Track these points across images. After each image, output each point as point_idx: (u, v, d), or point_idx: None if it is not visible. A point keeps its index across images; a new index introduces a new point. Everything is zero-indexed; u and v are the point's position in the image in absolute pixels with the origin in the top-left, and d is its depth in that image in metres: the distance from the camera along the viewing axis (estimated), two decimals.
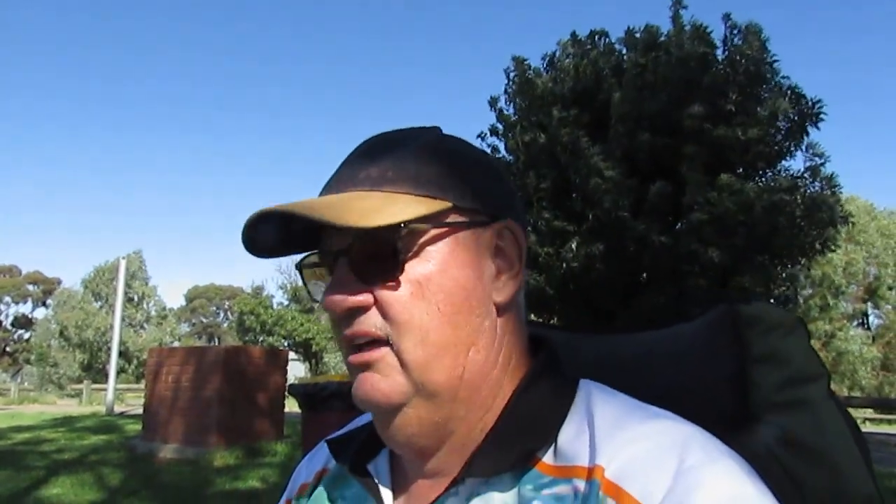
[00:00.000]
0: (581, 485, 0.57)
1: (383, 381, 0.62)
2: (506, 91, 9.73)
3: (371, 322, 0.62)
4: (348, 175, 0.66)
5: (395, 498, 0.69)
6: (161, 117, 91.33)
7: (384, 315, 0.61)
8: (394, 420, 0.63)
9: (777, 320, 0.72)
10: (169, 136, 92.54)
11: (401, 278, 0.62)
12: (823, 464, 0.67)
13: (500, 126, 9.79)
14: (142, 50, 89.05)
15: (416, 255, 0.62)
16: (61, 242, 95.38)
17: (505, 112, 9.74)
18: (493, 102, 9.84)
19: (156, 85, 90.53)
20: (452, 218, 0.64)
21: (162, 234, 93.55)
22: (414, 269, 0.62)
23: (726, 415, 0.71)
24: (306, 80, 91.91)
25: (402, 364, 0.61)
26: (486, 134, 9.87)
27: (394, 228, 0.61)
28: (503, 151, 9.71)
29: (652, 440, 0.57)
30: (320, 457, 0.81)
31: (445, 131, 0.72)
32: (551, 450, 0.62)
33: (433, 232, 0.63)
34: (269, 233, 0.66)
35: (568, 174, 8.17)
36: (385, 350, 0.61)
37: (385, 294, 0.61)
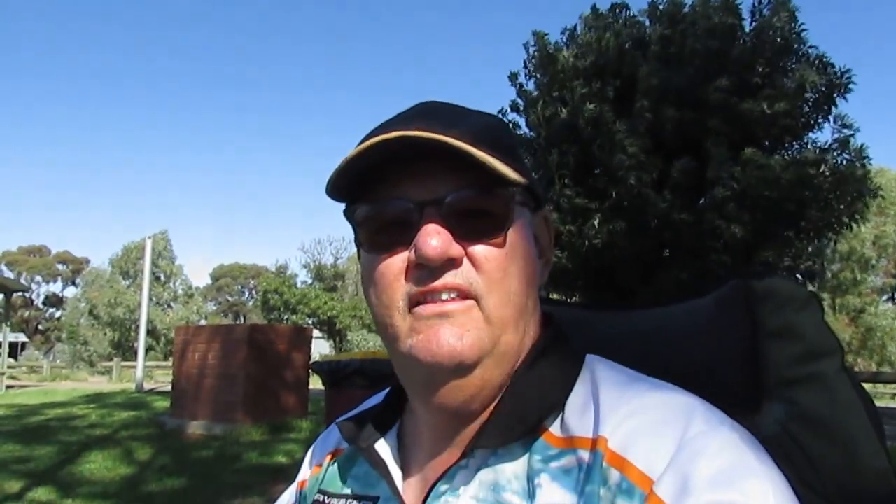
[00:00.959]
0: (585, 456, 0.58)
1: (468, 334, 0.60)
2: (525, 66, 9.62)
3: (465, 275, 0.61)
4: (436, 125, 0.61)
5: (404, 475, 0.70)
6: (185, 96, 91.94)
7: (478, 270, 0.61)
8: (457, 380, 0.62)
9: (790, 295, 0.71)
10: (192, 115, 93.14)
11: (503, 237, 0.62)
12: (836, 438, 0.66)
13: (520, 102, 9.69)
14: (168, 26, 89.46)
15: (514, 220, 0.64)
16: (88, 222, 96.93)
17: (525, 87, 9.63)
18: (513, 78, 9.72)
19: (181, 63, 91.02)
20: (525, 196, 0.67)
21: (186, 214, 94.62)
22: (511, 233, 0.63)
23: (737, 390, 0.71)
24: (323, 56, 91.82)
25: (487, 320, 0.61)
26: (506, 110, 9.78)
27: (512, 187, 0.63)
28: (524, 128, 9.63)
29: (655, 411, 0.58)
30: (332, 438, 0.83)
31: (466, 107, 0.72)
32: (558, 421, 0.62)
33: (519, 204, 0.66)
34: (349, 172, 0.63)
35: (590, 150, 8.08)
36: (471, 303, 0.60)
37: (483, 250, 0.61)
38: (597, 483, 0.56)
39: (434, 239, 0.59)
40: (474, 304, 0.60)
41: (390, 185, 0.63)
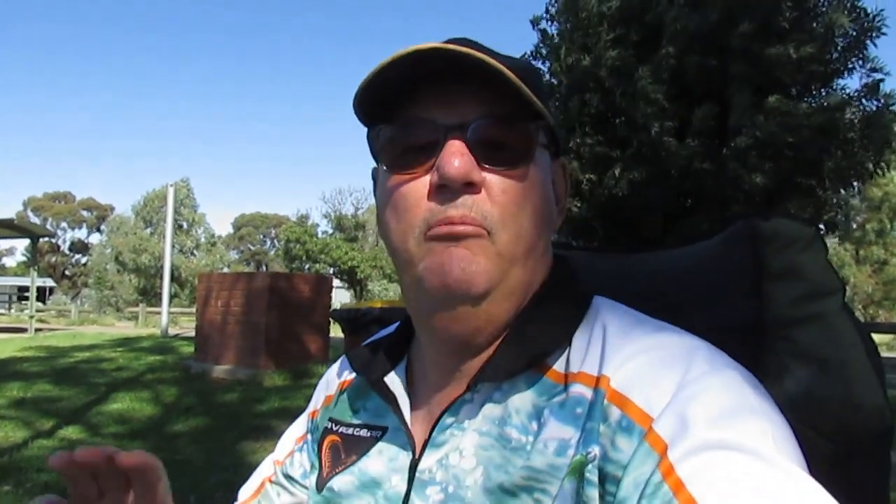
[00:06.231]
0: (588, 393, 0.59)
1: (477, 262, 0.60)
2: (547, 10, 9.39)
3: (480, 207, 0.60)
4: (473, 49, 0.60)
5: (412, 407, 0.71)
6: (209, 44, 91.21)
7: (493, 202, 0.61)
8: (464, 309, 0.63)
9: (794, 235, 0.71)
10: (215, 62, 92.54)
11: (523, 171, 0.62)
12: (836, 375, 0.67)
13: (542, 48, 9.47)
14: None
15: (536, 158, 0.64)
16: (112, 169, 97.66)
17: (548, 33, 9.40)
18: (535, 22, 9.49)
19: (206, 8, 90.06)
20: (548, 138, 0.67)
21: (208, 163, 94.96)
22: (532, 169, 0.63)
23: (741, 330, 0.71)
24: (346, 3, 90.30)
25: (498, 253, 0.61)
26: (528, 56, 9.56)
27: (539, 122, 0.63)
28: (546, 75, 9.43)
29: (658, 352, 0.58)
30: (343, 369, 0.86)
31: None
32: (563, 359, 0.63)
33: (541, 145, 0.66)
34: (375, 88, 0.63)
35: (612, 98, 7.93)
36: (483, 232, 0.60)
37: (502, 181, 0.61)
38: (597, 420, 0.56)
39: (457, 159, 0.59)
40: (486, 235, 0.60)
41: (416, 108, 0.63)
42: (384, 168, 0.66)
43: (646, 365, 0.57)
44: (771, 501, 0.45)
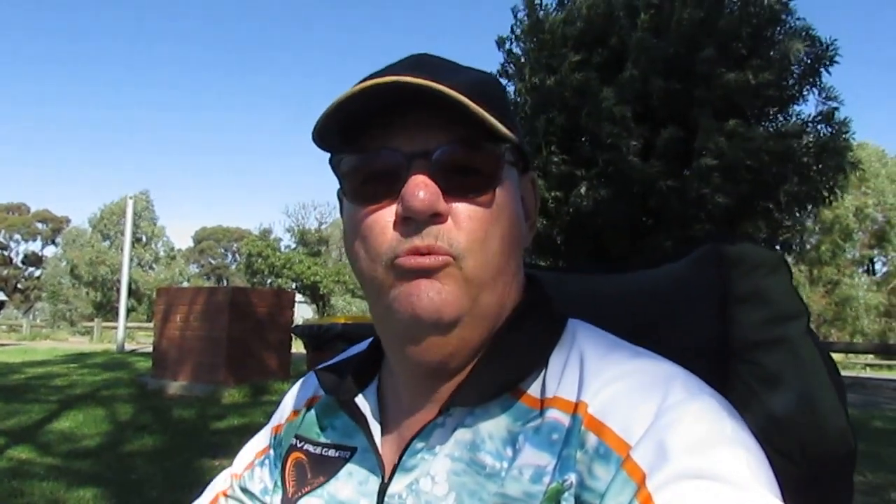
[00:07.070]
0: (564, 419, 0.58)
1: (446, 291, 0.59)
2: (513, 31, 9.50)
3: (447, 236, 0.59)
4: (429, 76, 0.58)
5: (382, 430, 0.70)
6: (169, 55, 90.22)
7: (460, 228, 0.60)
8: (436, 337, 0.62)
9: (760, 260, 0.72)
10: (175, 74, 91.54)
11: (490, 196, 0.61)
12: (801, 399, 0.68)
13: (509, 67, 9.57)
14: None
15: (502, 179, 0.63)
16: (68, 181, 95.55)
17: (514, 52, 9.51)
18: (500, 42, 9.59)
19: (163, 20, 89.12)
20: (515, 156, 0.66)
21: (168, 176, 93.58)
22: (498, 192, 0.62)
23: (707, 353, 0.72)
24: (306, 17, 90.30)
25: (466, 279, 0.60)
26: (495, 74, 9.63)
27: (503, 145, 0.62)
28: (513, 94, 9.53)
29: (635, 378, 0.58)
30: (310, 385, 0.82)
31: None
32: (537, 384, 0.62)
33: (508, 163, 0.65)
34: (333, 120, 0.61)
35: (577, 117, 8.05)
36: (450, 260, 0.59)
37: (467, 208, 0.60)
38: (574, 447, 0.56)
39: (421, 192, 0.58)
40: (453, 262, 0.59)
41: (378, 136, 0.61)
42: (348, 198, 0.65)
43: (623, 391, 0.57)
44: None
